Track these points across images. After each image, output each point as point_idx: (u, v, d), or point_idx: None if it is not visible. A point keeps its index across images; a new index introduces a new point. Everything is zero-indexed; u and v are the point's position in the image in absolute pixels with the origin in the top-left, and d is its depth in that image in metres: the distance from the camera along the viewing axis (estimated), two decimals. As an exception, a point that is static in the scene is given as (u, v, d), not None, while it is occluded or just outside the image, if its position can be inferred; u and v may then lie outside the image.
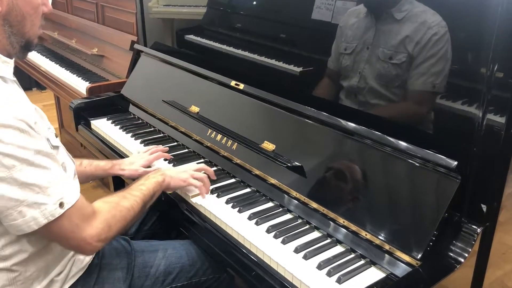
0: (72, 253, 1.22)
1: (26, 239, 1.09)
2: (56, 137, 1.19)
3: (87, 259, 1.27)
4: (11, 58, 1.11)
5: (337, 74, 1.44)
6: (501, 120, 1.06)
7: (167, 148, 1.73)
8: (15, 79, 1.12)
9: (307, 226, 1.29)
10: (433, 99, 1.21)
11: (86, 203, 1.11)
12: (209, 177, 1.49)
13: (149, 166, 1.61)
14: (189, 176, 1.42)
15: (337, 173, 1.32)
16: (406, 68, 1.26)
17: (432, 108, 1.22)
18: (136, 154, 1.70)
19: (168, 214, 1.55)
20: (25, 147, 0.98)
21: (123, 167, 1.58)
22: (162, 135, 1.92)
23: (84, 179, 1.56)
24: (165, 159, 1.67)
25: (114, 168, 1.58)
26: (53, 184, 1.02)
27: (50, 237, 1.10)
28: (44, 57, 3.14)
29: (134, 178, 1.52)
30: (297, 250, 1.18)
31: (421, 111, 1.26)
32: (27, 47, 1.13)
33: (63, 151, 1.22)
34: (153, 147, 1.70)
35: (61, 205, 1.03)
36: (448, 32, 1.16)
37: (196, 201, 1.40)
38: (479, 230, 1.10)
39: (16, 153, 0.96)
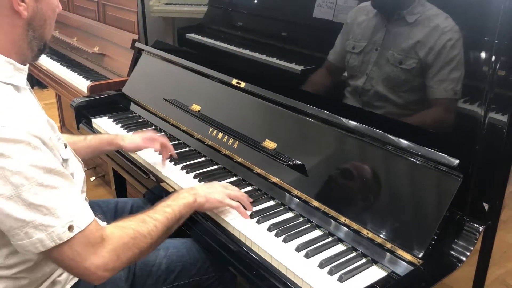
0: None
1: None
2: (66, 147, 1.17)
3: None
4: (25, 64, 1.09)
5: (342, 72, 1.43)
6: (503, 118, 1.05)
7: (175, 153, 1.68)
8: (28, 86, 1.10)
9: (308, 225, 1.29)
10: (455, 106, 1.17)
11: (96, 228, 1.02)
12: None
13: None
14: (225, 196, 1.31)
15: (338, 171, 1.32)
16: (415, 74, 1.22)
17: (449, 112, 1.18)
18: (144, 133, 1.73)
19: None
20: (36, 165, 0.93)
21: (125, 140, 1.62)
22: (163, 133, 1.92)
23: (90, 153, 1.59)
24: (168, 158, 1.67)
25: (117, 138, 1.62)
26: (62, 206, 0.96)
27: (54, 262, 1.04)
28: (45, 55, 3.14)
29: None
30: (298, 249, 1.18)
31: (437, 118, 1.21)
32: (43, 49, 1.12)
33: (72, 161, 1.20)
34: (165, 138, 1.69)
35: (70, 228, 0.96)
36: (462, 37, 1.12)
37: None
38: (481, 228, 1.10)
39: (26, 171, 0.92)
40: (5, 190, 0.91)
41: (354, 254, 1.17)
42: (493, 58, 1.04)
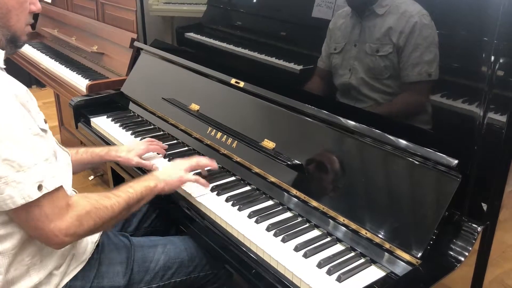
0: (70, 246, 1.22)
1: (12, 222, 1.09)
2: (46, 122, 1.18)
3: (87, 253, 1.27)
4: (2, 49, 1.13)
5: (330, 73, 1.46)
6: (502, 119, 1.05)
7: (166, 146, 1.73)
8: (4, 67, 1.13)
9: (307, 225, 1.29)
10: (430, 89, 1.22)
11: (63, 194, 1.09)
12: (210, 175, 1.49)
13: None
14: (184, 173, 1.40)
15: (337, 171, 1.32)
16: (393, 59, 1.28)
17: (430, 98, 1.23)
18: (135, 142, 1.72)
19: (167, 211, 1.55)
20: (13, 124, 0.99)
21: (119, 153, 1.59)
22: (162, 133, 1.92)
23: (82, 167, 1.58)
24: (164, 156, 1.67)
25: (110, 154, 1.59)
26: (34, 165, 1.02)
27: (20, 223, 1.08)
28: (44, 54, 3.13)
29: (129, 166, 1.58)
30: (297, 249, 1.18)
31: (420, 102, 1.27)
32: (13, 41, 1.15)
33: (51, 138, 1.21)
34: (153, 140, 1.71)
35: (39, 187, 1.02)
36: (431, 20, 1.18)
37: (198, 199, 1.40)
38: (479, 229, 1.10)
39: (2, 128, 0.97)
40: None
41: (352, 254, 1.17)
42: (492, 58, 1.04)
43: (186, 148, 1.77)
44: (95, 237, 1.32)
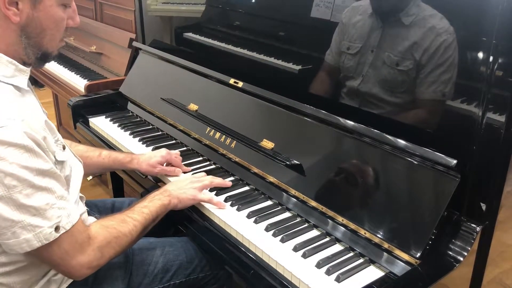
0: None
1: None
2: (64, 149, 1.16)
3: None
4: (27, 66, 1.10)
5: (338, 72, 1.44)
6: (501, 118, 1.05)
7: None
8: (29, 88, 1.11)
9: (306, 225, 1.29)
10: (442, 107, 1.19)
11: (82, 228, 1.08)
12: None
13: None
14: (196, 192, 1.36)
15: (336, 171, 1.32)
16: (412, 75, 1.23)
17: (440, 113, 1.21)
18: (158, 150, 1.67)
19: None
20: (28, 167, 0.96)
21: (141, 165, 1.54)
22: (160, 133, 1.92)
23: (101, 170, 1.59)
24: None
25: (132, 163, 1.55)
26: (51, 207, 1.00)
27: (41, 260, 1.08)
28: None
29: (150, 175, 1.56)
30: (296, 249, 1.17)
31: (430, 118, 1.24)
32: (43, 58, 1.12)
33: (69, 162, 1.19)
34: (177, 155, 1.61)
35: (56, 229, 1.00)
36: (456, 38, 1.13)
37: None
38: (478, 228, 1.10)
39: (18, 173, 0.94)
40: None
41: (351, 254, 1.17)
42: (491, 58, 1.04)
43: (185, 148, 1.77)
44: None
